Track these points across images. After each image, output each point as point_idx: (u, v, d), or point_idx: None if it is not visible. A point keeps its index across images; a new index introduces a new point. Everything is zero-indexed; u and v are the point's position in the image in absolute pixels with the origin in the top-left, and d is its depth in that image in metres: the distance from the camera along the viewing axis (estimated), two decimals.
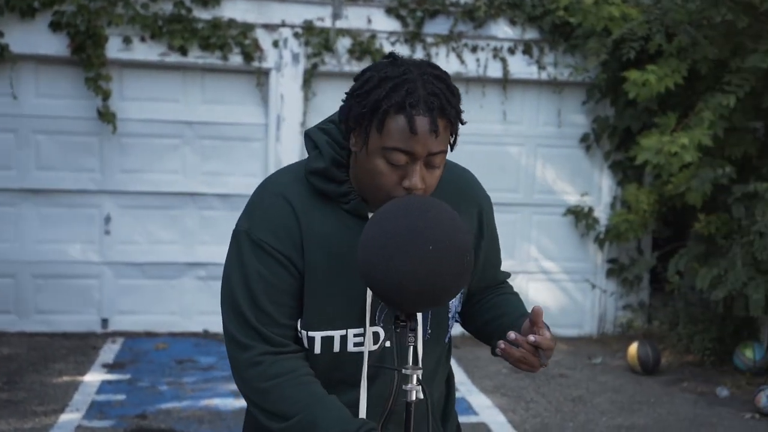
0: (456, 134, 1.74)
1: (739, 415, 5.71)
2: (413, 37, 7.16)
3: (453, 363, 6.66)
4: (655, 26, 6.19)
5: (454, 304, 1.93)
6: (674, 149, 5.89)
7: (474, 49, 7.26)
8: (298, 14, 7.04)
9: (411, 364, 1.73)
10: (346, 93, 1.78)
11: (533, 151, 7.53)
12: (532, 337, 1.72)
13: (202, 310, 7.13)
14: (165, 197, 7.10)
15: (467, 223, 1.88)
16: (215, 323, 6.80)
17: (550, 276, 7.60)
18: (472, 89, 7.35)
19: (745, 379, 6.33)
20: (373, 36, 7.11)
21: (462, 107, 1.76)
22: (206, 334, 7.10)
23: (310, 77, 7.08)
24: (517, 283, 7.26)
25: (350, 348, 1.85)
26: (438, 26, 7.21)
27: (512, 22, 7.26)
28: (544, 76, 7.34)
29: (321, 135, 1.86)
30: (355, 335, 1.84)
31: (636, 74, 6.24)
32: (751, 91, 6.06)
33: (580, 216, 7.44)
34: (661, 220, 7.38)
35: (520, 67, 7.33)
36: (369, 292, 1.82)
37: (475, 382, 6.26)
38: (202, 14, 6.87)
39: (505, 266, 2.14)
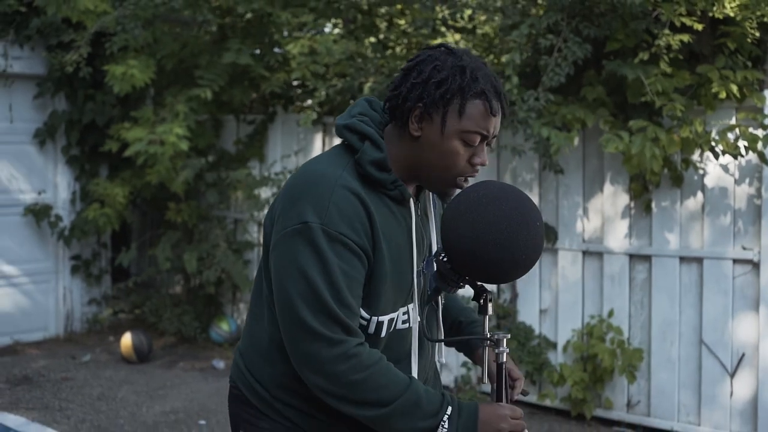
0: None
1: None
2: None
3: None
4: (131, 21, 6.29)
5: None
6: (172, 139, 6.12)
7: None
8: None
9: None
10: (413, 82, 1.88)
11: None
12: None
13: None
14: None
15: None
16: None
17: (11, 280, 7.12)
18: None
19: (229, 349, 6.93)
20: None
21: None
22: None
23: None
24: None
25: (398, 326, 1.98)
26: None
27: None
28: None
29: (367, 126, 1.93)
30: (403, 313, 1.99)
31: (119, 68, 6.28)
32: (226, 85, 6.61)
33: (41, 215, 7.13)
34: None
35: None
36: (415, 271, 1.97)
37: None
38: None
39: None
